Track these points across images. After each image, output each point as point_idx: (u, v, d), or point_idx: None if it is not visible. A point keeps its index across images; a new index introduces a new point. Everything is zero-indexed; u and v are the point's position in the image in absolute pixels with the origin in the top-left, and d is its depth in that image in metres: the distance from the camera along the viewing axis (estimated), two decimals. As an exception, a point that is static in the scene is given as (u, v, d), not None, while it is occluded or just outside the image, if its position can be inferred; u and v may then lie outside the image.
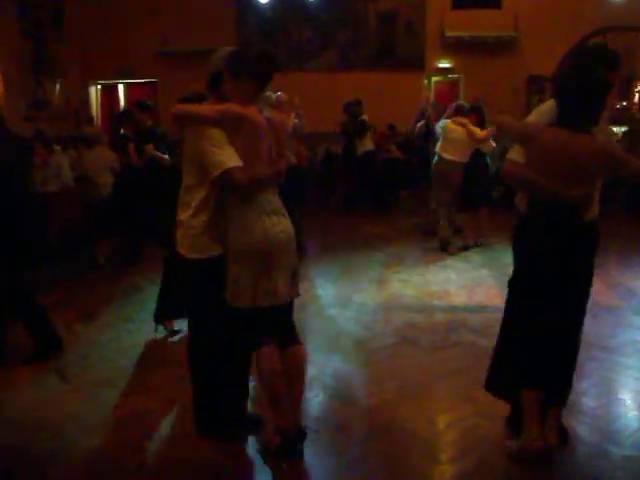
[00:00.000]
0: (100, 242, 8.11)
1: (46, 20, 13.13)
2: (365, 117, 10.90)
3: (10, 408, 4.14)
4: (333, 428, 3.84)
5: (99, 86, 15.22)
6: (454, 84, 14.50)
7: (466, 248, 8.34)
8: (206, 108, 3.31)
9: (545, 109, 3.47)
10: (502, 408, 4.01)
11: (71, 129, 12.62)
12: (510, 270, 7.16)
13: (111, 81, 15.10)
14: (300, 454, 3.47)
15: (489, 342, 5.10)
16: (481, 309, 5.99)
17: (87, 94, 14.89)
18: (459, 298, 6.37)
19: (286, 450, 3.45)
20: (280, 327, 3.54)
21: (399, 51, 14.20)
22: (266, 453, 3.50)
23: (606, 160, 3.21)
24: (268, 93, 7.13)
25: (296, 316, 5.65)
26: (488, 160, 8.45)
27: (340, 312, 5.92)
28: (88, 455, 3.59)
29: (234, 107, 3.26)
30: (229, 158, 3.19)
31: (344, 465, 3.47)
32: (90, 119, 13.55)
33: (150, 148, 6.91)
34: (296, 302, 6.01)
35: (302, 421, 3.58)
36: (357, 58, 14.22)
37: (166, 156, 6.90)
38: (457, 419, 3.93)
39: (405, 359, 4.88)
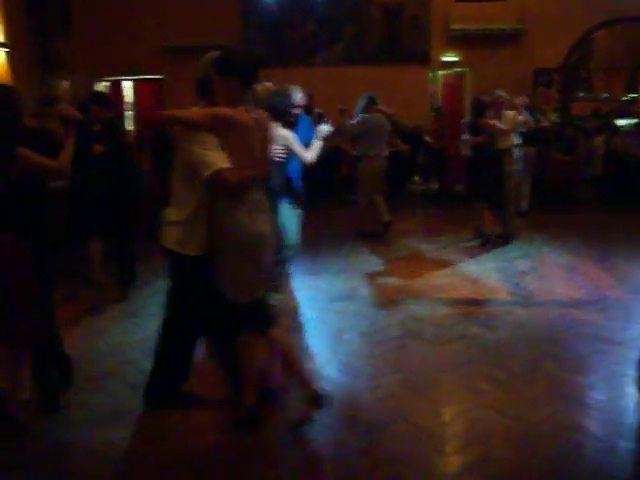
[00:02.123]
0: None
1: (54, 18, 13.17)
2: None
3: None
4: (338, 420, 3.86)
5: (106, 83, 15.25)
6: (460, 78, 14.45)
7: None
8: (195, 112, 3.49)
9: None
10: (508, 400, 4.05)
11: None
12: (515, 264, 7.19)
13: (117, 78, 15.13)
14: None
15: (494, 335, 5.16)
16: (486, 302, 6.00)
17: (94, 91, 14.91)
18: (464, 291, 6.37)
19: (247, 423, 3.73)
20: (262, 315, 3.76)
21: (404, 45, 14.15)
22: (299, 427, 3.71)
23: None
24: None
25: (302, 310, 5.73)
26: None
27: (345, 306, 5.93)
28: (99, 445, 3.64)
29: (222, 110, 3.43)
30: (218, 160, 3.37)
31: (349, 456, 3.49)
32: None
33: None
34: (302, 295, 6.07)
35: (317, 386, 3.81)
36: (362, 53, 14.18)
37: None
38: (462, 411, 3.95)
39: (410, 352, 4.89)
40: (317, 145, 5.33)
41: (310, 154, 5.26)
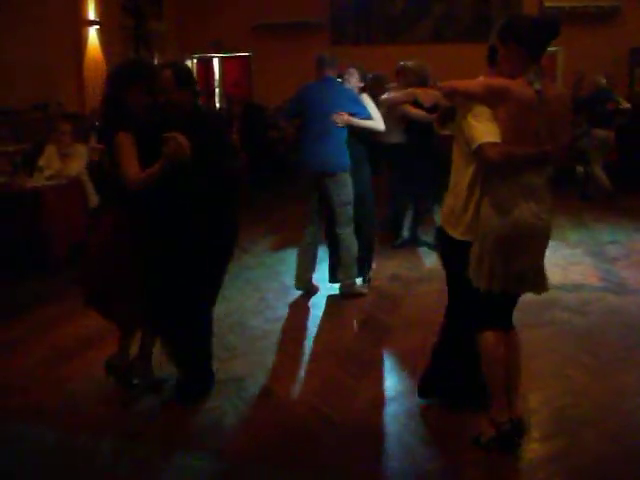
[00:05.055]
0: None
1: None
2: None
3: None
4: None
5: (195, 60, 15.52)
6: (552, 57, 13.99)
7: None
8: (470, 82, 3.22)
9: None
10: (597, 388, 3.95)
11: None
12: (606, 249, 6.95)
13: (207, 54, 15.37)
14: (514, 448, 3.34)
15: (584, 321, 5.03)
16: (576, 288, 5.84)
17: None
18: (553, 276, 6.15)
19: (499, 444, 3.31)
20: (507, 312, 3.44)
21: (495, 23, 13.77)
22: (477, 445, 3.37)
23: None
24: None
25: (388, 291, 5.68)
26: None
27: (428, 287, 5.85)
28: (185, 413, 3.76)
29: (496, 81, 3.15)
30: (485, 133, 3.07)
31: (439, 443, 3.50)
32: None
33: None
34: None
35: (520, 413, 3.42)
36: (451, 31, 13.89)
37: None
38: (549, 398, 3.88)
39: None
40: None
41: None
